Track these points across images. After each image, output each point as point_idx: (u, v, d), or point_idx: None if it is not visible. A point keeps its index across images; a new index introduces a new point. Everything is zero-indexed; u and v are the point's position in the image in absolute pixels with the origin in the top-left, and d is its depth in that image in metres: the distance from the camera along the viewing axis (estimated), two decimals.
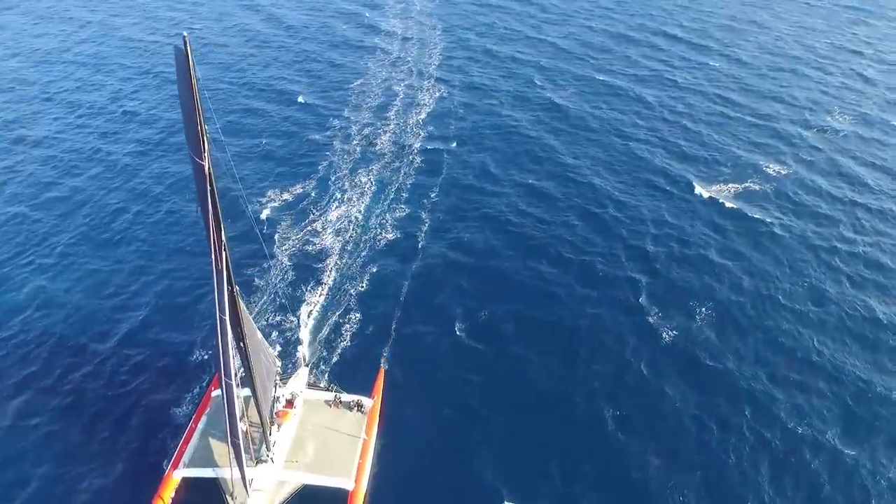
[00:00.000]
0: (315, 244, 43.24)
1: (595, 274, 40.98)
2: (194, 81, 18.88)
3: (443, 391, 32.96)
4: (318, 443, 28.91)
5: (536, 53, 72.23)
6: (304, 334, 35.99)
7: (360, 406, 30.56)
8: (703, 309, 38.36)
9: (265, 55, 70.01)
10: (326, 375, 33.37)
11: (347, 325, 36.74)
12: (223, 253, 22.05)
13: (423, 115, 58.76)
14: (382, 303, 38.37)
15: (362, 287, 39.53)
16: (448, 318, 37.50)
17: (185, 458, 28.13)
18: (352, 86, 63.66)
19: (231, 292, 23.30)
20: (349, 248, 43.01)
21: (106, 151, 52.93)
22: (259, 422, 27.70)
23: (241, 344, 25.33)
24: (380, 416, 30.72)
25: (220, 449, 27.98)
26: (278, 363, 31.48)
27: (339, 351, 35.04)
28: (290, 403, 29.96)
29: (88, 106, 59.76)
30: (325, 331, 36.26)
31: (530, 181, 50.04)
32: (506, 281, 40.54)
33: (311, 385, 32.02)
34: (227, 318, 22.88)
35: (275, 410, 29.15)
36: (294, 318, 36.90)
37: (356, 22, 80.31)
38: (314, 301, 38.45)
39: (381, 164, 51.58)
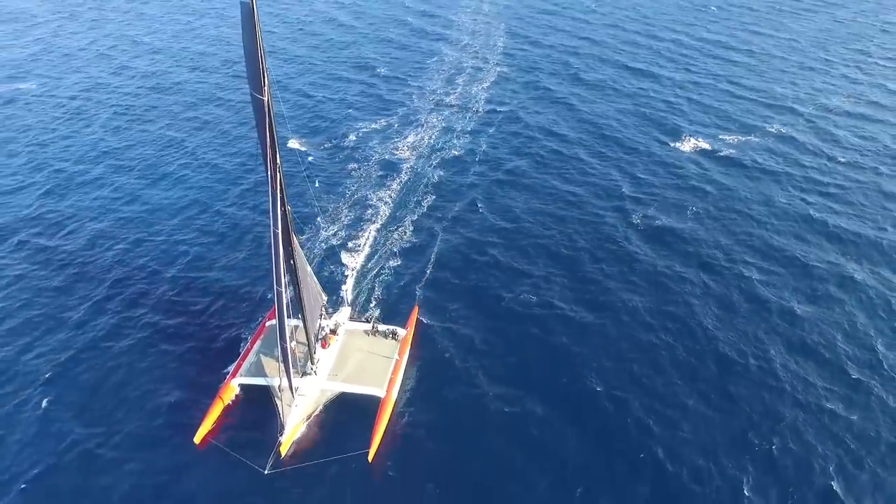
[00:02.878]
0: (368, 189, 49.75)
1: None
2: (258, 27, 23.54)
3: (469, 327, 36.49)
4: (356, 361, 32.90)
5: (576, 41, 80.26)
6: (350, 273, 40.27)
7: (394, 335, 34.40)
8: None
9: (347, 38, 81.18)
10: (367, 310, 37.37)
11: (388, 267, 40.87)
12: (277, 175, 26.51)
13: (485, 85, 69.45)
14: (420, 249, 42.95)
15: (406, 230, 45.00)
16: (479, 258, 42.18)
17: (242, 369, 32.61)
18: (427, 63, 74.93)
19: (283, 212, 27.75)
20: (397, 195, 49.16)
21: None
22: (306, 342, 32.16)
23: (292, 262, 29.71)
24: (411, 344, 34.45)
25: (271, 364, 32.40)
26: (324, 297, 35.74)
27: (380, 290, 39.01)
28: (333, 332, 34.20)
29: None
30: (369, 272, 40.39)
31: (560, 131, 59.68)
32: (532, 199, 49.20)
33: (352, 318, 36.23)
34: (280, 231, 27.27)
35: (320, 336, 33.45)
36: (346, 258, 41.56)
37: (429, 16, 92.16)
38: (362, 242, 43.25)
39: (445, 115, 62.23)
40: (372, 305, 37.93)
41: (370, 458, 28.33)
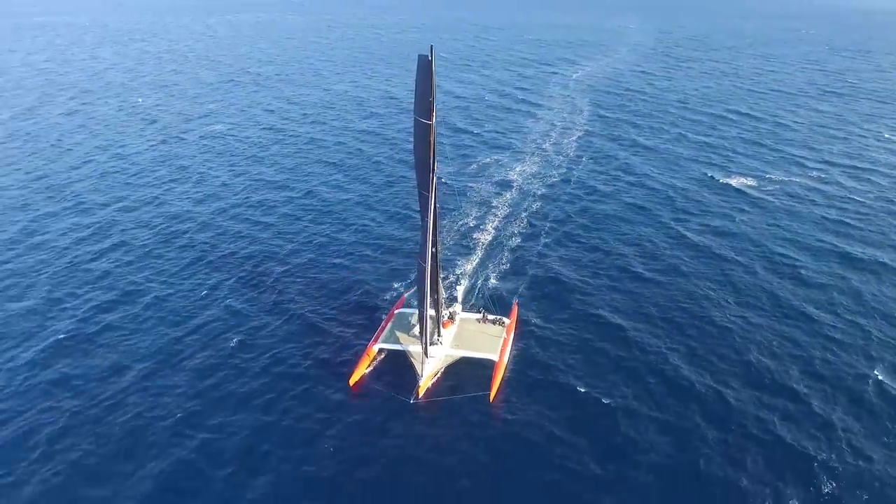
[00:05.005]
0: (481, 206, 61.33)
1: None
2: (433, 73, 33.99)
3: (569, 319, 44.75)
4: (471, 336, 41.11)
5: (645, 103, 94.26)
6: (462, 273, 49.17)
7: (501, 322, 42.83)
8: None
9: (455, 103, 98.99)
10: (476, 304, 46.21)
11: (494, 269, 49.77)
12: (433, 181, 36.31)
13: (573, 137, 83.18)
14: (526, 248, 53.14)
15: (513, 236, 55.59)
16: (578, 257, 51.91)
17: (382, 337, 41.18)
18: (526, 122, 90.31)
19: (434, 207, 37.34)
20: (505, 212, 60.24)
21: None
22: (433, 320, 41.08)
23: (434, 250, 39.13)
24: (515, 330, 42.89)
25: (404, 334, 41.31)
26: (444, 293, 44.96)
27: (487, 289, 47.78)
28: (450, 318, 43.27)
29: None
30: (478, 276, 49.13)
31: (632, 165, 67.97)
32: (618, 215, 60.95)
33: (465, 309, 45.24)
34: (430, 220, 36.71)
35: (441, 320, 42.43)
36: (460, 262, 50.61)
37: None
38: (473, 249, 53.00)
39: (543, 156, 76.19)
40: (480, 300, 46.59)
41: (491, 398, 36.31)
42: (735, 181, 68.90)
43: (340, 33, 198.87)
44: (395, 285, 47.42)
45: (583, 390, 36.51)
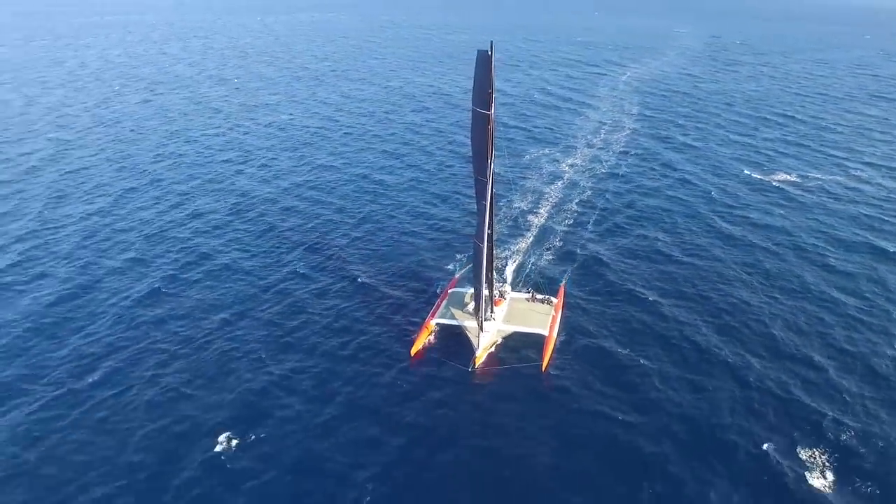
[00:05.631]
0: (535, 192, 65.22)
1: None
2: (492, 66, 38.03)
3: (610, 301, 48.30)
4: (521, 313, 43.90)
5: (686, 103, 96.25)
6: (511, 255, 52.89)
7: (549, 301, 45.36)
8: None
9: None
10: (525, 285, 49.89)
11: (547, 248, 53.74)
12: (491, 168, 40.21)
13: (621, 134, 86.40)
14: (574, 233, 56.67)
15: (562, 223, 58.88)
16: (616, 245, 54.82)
17: (438, 313, 44.41)
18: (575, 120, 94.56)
19: (491, 192, 41.27)
20: (555, 199, 63.93)
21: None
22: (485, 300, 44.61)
23: (490, 231, 42.92)
24: (562, 309, 45.59)
25: (458, 311, 44.40)
26: (495, 273, 48.68)
27: (537, 267, 51.52)
28: (502, 296, 46.59)
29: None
30: (528, 259, 52.84)
31: (672, 160, 68.93)
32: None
33: (514, 290, 48.74)
34: (487, 204, 40.66)
35: (493, 298, 45.71)
36: (511, 244, 54.54)
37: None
38: (535, 223, 57.79)
39: (592, 151, 79.41)
40: (529, 281, 49.73)
41: (543, 368, 39.18)
42: (775, 179, 71.11)
43: (393, 33, 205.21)
44: (448, 263, 51.67)
45: (624, 356, 40.04)
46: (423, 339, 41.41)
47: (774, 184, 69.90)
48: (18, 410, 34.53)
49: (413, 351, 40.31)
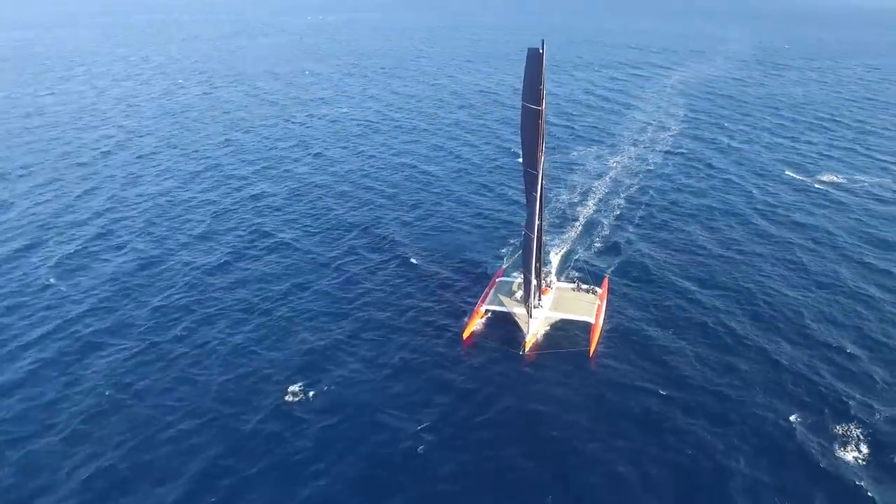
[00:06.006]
0: (581, 188, 67.43)
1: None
2: (544, 64, 40.46)
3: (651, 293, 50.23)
4: (568, 302, 45.67)
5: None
6: (557, 247, 55.22)
7: (594, 291, 47.07)
8: None
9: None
10: (570, 276, 52.16)
11: (592, 241, 55.90)
12: (541, 161, 42.61)
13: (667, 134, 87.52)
14: (619, 228, 58.64)
15: (607, 216, 60.92)
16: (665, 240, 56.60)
17: (487, 300, 46.32)
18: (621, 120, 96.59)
19: (542, 185, 43.60)
20: (603, 195, 65.76)
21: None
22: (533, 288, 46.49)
23: (540, 222, 45.21)
24: (607, 299, 47.43)
25: (507, 297, 46.14)
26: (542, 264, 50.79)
27: (582, 258, 53.73)
28: (548, 286, 48.44)
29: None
30: (574, 251, 55.28)
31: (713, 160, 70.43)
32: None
33: (559, 280, 50.93)
34: (538, 195, 43.00)
35: (541, 287, 47.58)
36: (556, 236, 56.76)
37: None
38: (580, 217, 60.05)
39: (637, 150, 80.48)
40: (574, 272, 51.36)
41: (590, 354, 40.99)
42: (819, 181, 71.54)
43: (443, 33, 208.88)
44: (496, 249, 54.28)
45: (664, 338, 42.15)
46: (474, 324, 43.23)
47: (817, 186, 70.47)
48: (111, 358, 38.83)
49: (465, 334, 42.10)
